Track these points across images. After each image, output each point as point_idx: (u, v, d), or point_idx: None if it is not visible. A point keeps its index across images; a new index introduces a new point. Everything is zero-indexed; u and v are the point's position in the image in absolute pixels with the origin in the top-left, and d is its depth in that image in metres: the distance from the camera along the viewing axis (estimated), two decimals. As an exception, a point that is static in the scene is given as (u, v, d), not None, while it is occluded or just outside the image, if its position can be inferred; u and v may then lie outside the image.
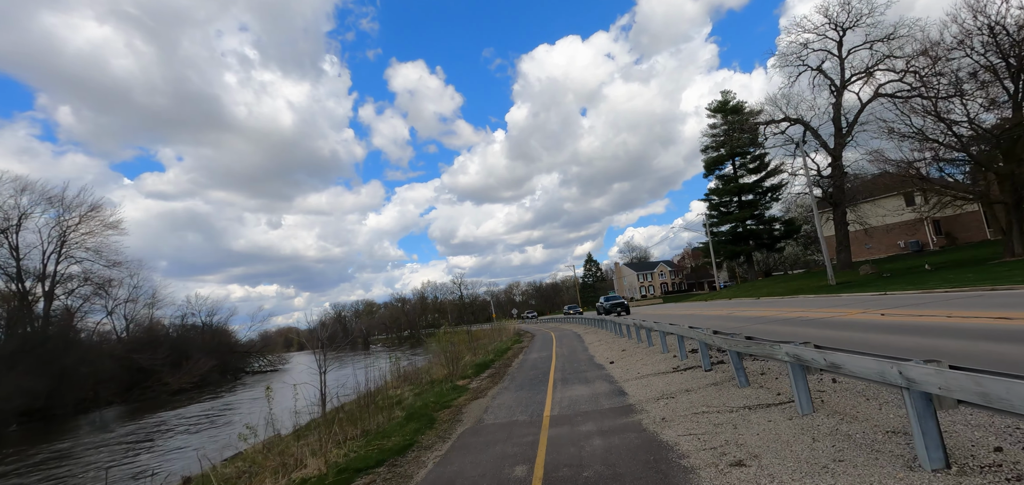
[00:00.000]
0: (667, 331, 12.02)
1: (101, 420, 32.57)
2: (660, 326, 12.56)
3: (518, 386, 11.53)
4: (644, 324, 14.51)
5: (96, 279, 48.40)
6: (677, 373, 9.45)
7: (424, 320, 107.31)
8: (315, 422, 12.64)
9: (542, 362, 15.95)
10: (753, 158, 59.55)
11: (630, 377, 10.06)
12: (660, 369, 10.19)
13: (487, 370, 16.16)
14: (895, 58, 36.40)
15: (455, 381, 13.96)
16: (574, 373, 12.09)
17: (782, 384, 6.89)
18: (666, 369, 10.04)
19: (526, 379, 12.45)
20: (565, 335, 28.55)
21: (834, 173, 39.91)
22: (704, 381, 8.22)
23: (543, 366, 14.76)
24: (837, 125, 40.30)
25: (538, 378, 12.25)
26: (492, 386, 12.20)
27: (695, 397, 7.20)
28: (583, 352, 17.08)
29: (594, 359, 14.40)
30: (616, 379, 10.17)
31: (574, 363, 14.18)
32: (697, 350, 11.46)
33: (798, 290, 31.27)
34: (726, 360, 9.54)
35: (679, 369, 9.77)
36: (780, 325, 13.87)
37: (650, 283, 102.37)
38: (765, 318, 16.64)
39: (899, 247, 46.19)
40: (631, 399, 8.00)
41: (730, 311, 23.82)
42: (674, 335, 12.18)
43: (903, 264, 34.35)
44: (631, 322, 17.98)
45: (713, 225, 59.90)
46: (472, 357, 22.94)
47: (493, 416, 8.52)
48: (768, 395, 6.54)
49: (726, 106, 60.72)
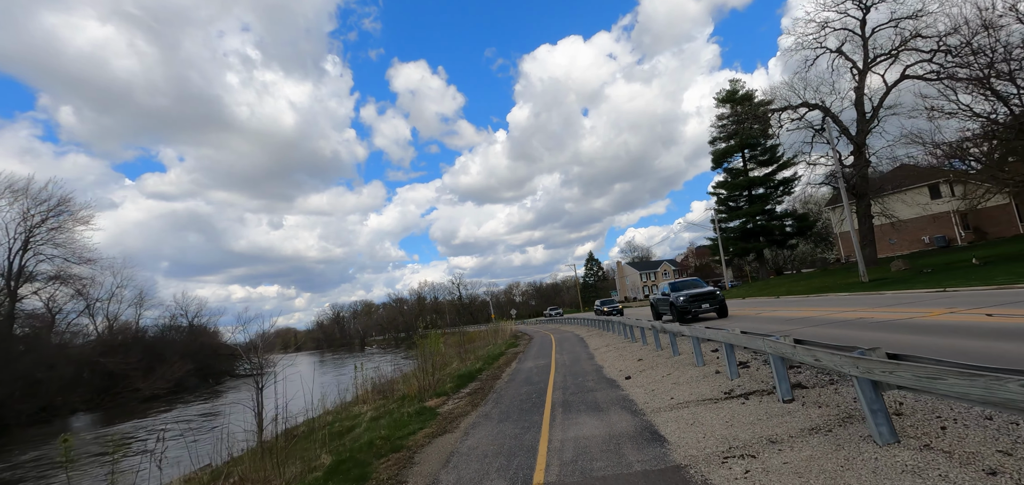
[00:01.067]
0: (703, 337, 8.97)
1: (52, 431, 29.54)
2: (694, 330, 9.49)
3: (503, 413, 8.47)
4: (668, 327, 11.44)
5: (68, 277, 45.55)
6: (735, 402, 6.38)
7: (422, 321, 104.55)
8: (251, 452, 9.78)
9: (538, 374, 12.90)
10: (763, 150, 56.45)
11: (661, 405, 7.00)
12: (703, 394, 7.14)
13: (470, 384, 13.11)
14: (924, 37, 33.38)
15: (426, 400, 10.93)
16: (579, 394, 9.04)
17: (970, 439, 3.84)
18: (713, 394, 6.98)
19: (515, 401, 9.41)
20: (566, 338, 25.48)
21: (857, 162, 36.83)
22: (795, 422, 5.15)
23: (539, 379, 11.72)
24: (860, 110, 37.25)
25: (531, 400, 9.20)
26: (469, 411, 9.15)
27: (800, 458, 4.14)
28: (588, 360, 14.03)
29: (603, 372, 11.35)
30: (640, 407, 7.11)
31: (578, 377, 11.13)
32: (748, 363, 8.41)
33: (824, 288, 28.18)
34: (806, 385, 6.47)
35: (734, 395, 6.71)
36: (839, 328, 10.82)
37: (653, 282, 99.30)
38: (811, 320, 13.58)
39: (923, 243, 43.12)
40: (675, 450, 4.96)
41: (756, 311, 20.74)
42: (715, 342, 9.15)
43: (938, 259, 31.25)
44: (646, 324, 14.91)
45: (721, 221, 56.78)
46: (460, 363, 19.90)
47: (454, 475, 5.47)
48: (955, 467, 3.49)
49: (735, 95, 57.61)
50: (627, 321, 18.56)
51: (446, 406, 9.82)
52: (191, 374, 45.00)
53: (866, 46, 36.28)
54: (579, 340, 22.52)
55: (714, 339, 8.19)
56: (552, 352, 18.37)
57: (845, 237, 49.53)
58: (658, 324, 12.72)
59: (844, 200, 27.67)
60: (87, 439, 24.66)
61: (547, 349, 20.26)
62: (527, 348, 23.29)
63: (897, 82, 35.20)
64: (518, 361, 17.24)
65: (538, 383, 11.17)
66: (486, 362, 17.74)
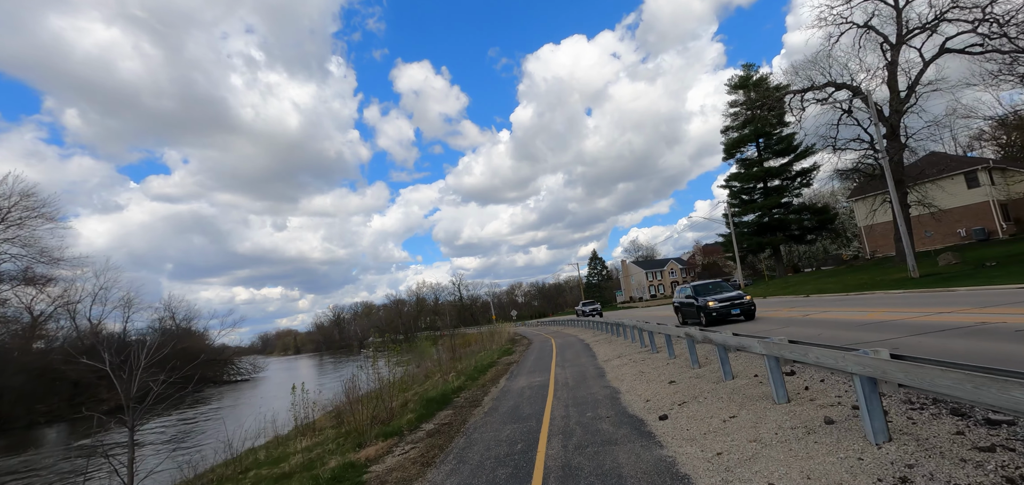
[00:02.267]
0: (788, 357, 5.56)
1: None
2: (767, 345, 6.05)
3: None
4: (713, 337, 8.00)
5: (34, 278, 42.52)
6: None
7: (421, 322, 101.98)
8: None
9: (531, 400, 9.52)
10: (779, 140, 52.84)
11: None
12: (820, 466, 3.74)
13: (439, 413, 9.71)
14: (964, 8, 29.84)
15: (367, 442, 7.57)
16: (590, 448, 5.65)
17: None
18: (845, 473, 3.58)
19: (488, 458, 6.01)
20: (568, 344, 22.08)
21: (891, 145, 33.24)
22: None
23: (530, 411, 8.34)
24: (893, 88, 33.64)
25: (512, 461, 5.81)
26: (414, 478, 5.77)
27: None
28: (597, 379, 10.62)
29: (621, 400, 7.95)
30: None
31: (586, 409, 7.73)
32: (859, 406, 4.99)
33: (862, 286, 24.66)
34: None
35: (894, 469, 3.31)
36: (973, 338, 7.41)
37: (660, 281, 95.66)
38: (893, 324, 10.15)
39: (959, 236, 39.49)
40: None
41: (794, 311, 17.26)
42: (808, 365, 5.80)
43: (989, 252, 27.65)
44: (674, 331, 11.48)
45: (734, 215, 53.16)
46: (441, 376, 16.54)
47: None
48: None
49: (748, 81, 54.04)
50: (642, 325, 15.13)
51: (384, 463, 6.42)
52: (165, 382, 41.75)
53: (899, 18, 32.69)
54: (584, 347, 19.10)
55: (821, 364, 4.76)
56: (551, 363, 14.96)
57: (870, 231, 45.92)
58: (695, 333, 9.29)
59: (890, 184, 24.12)
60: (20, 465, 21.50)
61: (546, 359, 16.84)
62: (523, 356, 19.89)
63: (936, 56, 31.70)
64: (508, 377, 13.82)
65: (528, 420, 7.78)
66: (469, 377, 14.36)
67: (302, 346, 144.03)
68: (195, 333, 59.05)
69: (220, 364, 58.37)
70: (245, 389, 48.86)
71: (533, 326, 61.57)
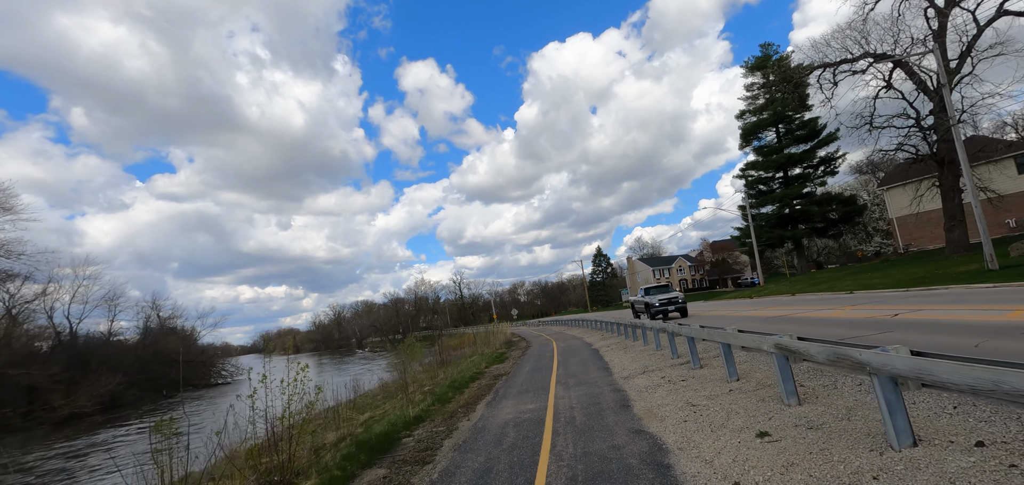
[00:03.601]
0: None
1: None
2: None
3: None
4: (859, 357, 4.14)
5: None
6: None
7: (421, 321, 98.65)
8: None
9: (508, 470, 5.75)
10: (801, 125, 48.76)
11: None
12: None
13: (372, 469, 5.95)
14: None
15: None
16: None
17: None
18: None
19: None
20: (572, 350, 18.22)
21: (938, 122, 29.25)
22: None
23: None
24: (942, 57, 29.55)
25: None
26: None
27: None
28: (619, 416, 6.83)
29: (674, 475, 4.18)
30: None
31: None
32: None
33: (923, 280, 20.75)
34: None
35: None
36: None
37: (668, 279, 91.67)
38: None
39: (1008, 226, 35.44)
40: None
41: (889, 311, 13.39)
42: None
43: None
44: (768, 346, 7.64)
45: (752, 207, 49.15)
46: (406, 396, 12.79)
47: None
48: None
49: (767, 61, 49.96)
50: (676, 329, 11.33)
51: None
52: (133, 386, 38.28)
53: (947, -23, 28.74)
54: (592, 355, 15.27)
55: None
56: (550, 380, 11.15)
57: (902, 223, 41.87)
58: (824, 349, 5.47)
59: (963, 162, 20.13)
60: None
61: (544, 372, 13.02)
62: (517, 366, 16.09)
63: (992, 19, 27.73)
64: (489, 401, 9.98)
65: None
66: (438, 398, 10.58)
67: (302, 345, 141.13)
68: (179, 332, 55.52)
69: (203, 366, 54.84)
70: (218, 396, 45.29)
71: (533, 326, 57.81)
